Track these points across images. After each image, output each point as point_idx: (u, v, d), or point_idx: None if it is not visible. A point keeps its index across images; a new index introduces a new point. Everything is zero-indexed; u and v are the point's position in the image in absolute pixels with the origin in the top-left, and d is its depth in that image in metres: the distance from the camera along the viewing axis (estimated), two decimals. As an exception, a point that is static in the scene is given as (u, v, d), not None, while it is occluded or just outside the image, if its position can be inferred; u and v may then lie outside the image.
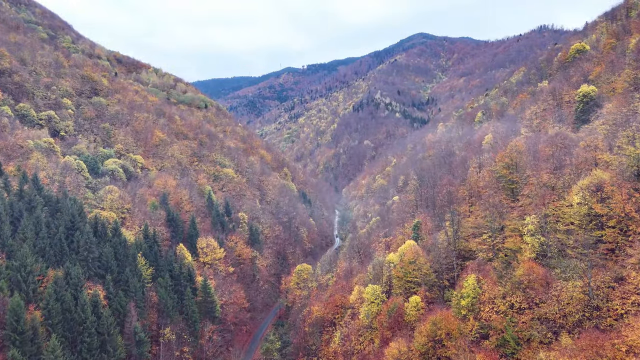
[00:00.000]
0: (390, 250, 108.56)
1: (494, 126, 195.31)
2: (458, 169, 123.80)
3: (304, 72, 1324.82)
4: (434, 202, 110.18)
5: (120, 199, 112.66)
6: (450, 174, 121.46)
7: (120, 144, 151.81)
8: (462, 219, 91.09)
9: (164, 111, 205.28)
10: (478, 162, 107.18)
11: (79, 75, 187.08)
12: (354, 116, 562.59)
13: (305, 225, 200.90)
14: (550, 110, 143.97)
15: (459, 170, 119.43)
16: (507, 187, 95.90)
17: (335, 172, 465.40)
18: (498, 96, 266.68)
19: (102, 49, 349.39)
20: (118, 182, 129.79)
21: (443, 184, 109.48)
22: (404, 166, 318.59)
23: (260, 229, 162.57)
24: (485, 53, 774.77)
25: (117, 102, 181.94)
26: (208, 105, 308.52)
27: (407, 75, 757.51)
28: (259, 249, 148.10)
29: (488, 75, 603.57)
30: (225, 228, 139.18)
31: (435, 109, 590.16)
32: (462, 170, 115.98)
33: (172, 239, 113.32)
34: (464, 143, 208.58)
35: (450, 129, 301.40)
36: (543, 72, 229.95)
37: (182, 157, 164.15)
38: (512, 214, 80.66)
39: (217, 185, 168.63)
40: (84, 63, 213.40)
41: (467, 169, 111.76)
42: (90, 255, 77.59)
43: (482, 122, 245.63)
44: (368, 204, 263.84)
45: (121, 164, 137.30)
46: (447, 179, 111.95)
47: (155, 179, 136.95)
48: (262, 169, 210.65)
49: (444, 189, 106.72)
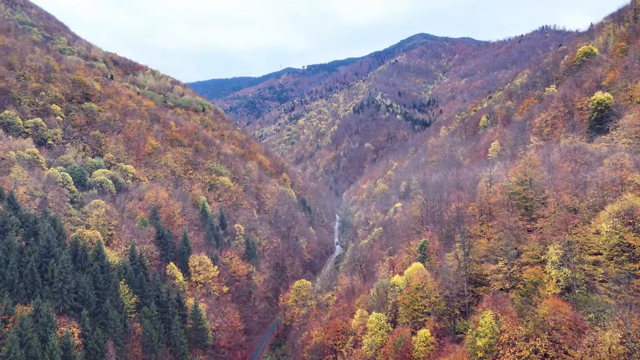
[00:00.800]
0: (394, 271, 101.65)
1: (500, 132, 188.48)
2: (466, 182, 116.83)
3: (304, 73, 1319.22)
4: (442, 218, 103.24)
5: (106, 215, 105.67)
6: (458, 187, 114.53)
7: (110, 152, 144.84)
8: (473, 241, 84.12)
9: (158, 116, 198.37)
10: (489, 176, 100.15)
11: (70, 80, 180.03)
12: (354, 118, 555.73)
13: (304, 234, 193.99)
14: (561, 118, 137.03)
15: (467, 183, 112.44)
16: (521, 205, 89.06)
17: (335, 175, 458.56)
18: (502, 100, 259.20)
19: (98, 51, 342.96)
20: (107, 195, 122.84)
21: (451, 199, 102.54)
22: (405, 171, 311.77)
23: (258, 240, 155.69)
24: (486, 54, 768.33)
25: (109, 108, 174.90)
26: (206, 108, 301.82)
27: (407, 76, 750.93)
28: (256, 263, 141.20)
29: (490, 76, 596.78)
30: (220, 242, 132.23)
31: (437, 111, 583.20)
32: (471, 182, 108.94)
33: (162, 257, 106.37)
34: (468, 149, 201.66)
35: (453, 133, 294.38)
36: (549, 75, 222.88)
37: (176, 166, 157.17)
38: (530, 238, 73.65)
39: (212, 194, 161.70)
40: (77, 66, 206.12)
41: (476, 183, 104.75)
42: (65, 287, 70.39)
43: (486, 126, 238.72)
44: (369, 211, 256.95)
45: (110, 175, 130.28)
46: (456, 194, 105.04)
47: (146, 191, 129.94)
48: (260, 175, 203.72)
49: (452, 205, 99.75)
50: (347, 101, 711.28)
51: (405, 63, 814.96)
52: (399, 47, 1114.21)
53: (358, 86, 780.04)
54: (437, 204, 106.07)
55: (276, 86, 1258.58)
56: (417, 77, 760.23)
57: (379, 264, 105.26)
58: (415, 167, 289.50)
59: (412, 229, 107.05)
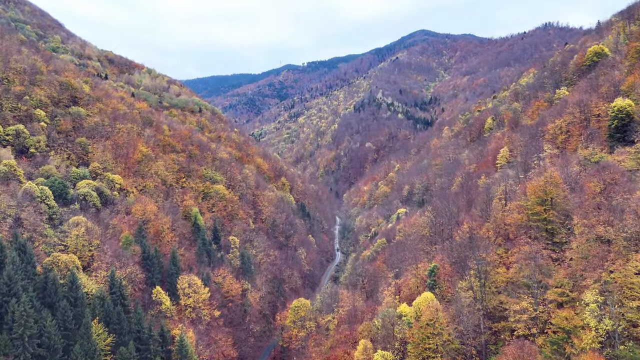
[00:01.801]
0: (401, 295, 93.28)
1: (508, 137, 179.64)
2: (476, 194, 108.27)
3: (304, 70, 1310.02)
4: (452, 238, 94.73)
5: (87, 234, 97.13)
6: (469, 202, 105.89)
7: (97, 161, 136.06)
8: (490, 269, 75.56)
9: (151, 120, 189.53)
10: (503, 191, 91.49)
11: (57, 82, 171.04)
12: (355, 117, 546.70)
13: (303, 244, 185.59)
14: (577, 125, 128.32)
15: (479, 198, 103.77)
16: (542, 227, 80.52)
17: (335, 176, 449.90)
18: (509, 101, 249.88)
19: (93, 49, 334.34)
20: (90, 209, 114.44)
21: (462, 218, 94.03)
22: (408, 173, 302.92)
23: (254, 253, 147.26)
24: (488, 51, 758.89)
25: (98, 112, 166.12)
26: (202, 108, 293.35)
27: (409, 74, 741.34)
28: (251, 279, 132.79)
29: (492, 74, 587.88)
30: (213, 258, 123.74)
31: (439, 109, 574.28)
32: (483, 199, 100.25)
33: (148, 280, 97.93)
34: (475, 154, 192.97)
35: (457, 134, 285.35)
36: (558, 76, 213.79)
37: (168, 175, 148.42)
38: (558, 271, 65.07)
39: (206, 204, 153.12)
40: (66, 67, 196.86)
41: (489, 200, 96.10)
42: (27, 332, 61.82)
43: (492, 129, 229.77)
44: (371, 216, 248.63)
45: (95, 187, 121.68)
46: (468, 213, 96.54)
47: (133, 204, 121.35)
48: (257, 181, 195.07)
49: (464, 224, 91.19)
50: (347, 99, 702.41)
51: (407, 60, 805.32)
52: (399, 43, 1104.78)
53: (359, 84, 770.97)
54: (446, 221, 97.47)
55: (276, 83, 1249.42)
56: (418, 74, 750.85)
57: (383, 287, 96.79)
58: (418, 170, 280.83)
59: (419, 249, 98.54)
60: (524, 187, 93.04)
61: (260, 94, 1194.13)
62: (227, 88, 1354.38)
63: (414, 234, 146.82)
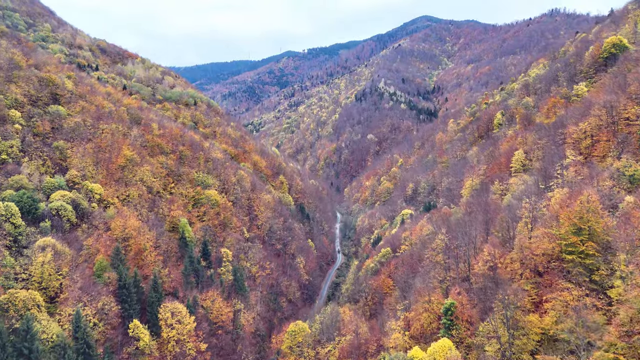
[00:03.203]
0: (411, 333, 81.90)
1: (522, 137, 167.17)
2: (497, 213, 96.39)
3: (305, 57, 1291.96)
4: (469, 264, 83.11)
5: (56, 259, 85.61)
6: (487, 221, 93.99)
7: (75, 168, 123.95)
8: (520, 316, 64.03)
9: (140, 117, 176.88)
10: (530, 215, 79.55)
11: (37, 78, 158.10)
12: (356, 106, 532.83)
13: (302, 251, 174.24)
14: (604, 130, 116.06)
15: (499, 217, 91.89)
16: (579, 262, 68.91)
17: (336, 169, 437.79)
18: (518, 94, 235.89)
19: (84, 38, 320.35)
20: (65, 225, 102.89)
21: (481, 244, 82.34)
22: (412, 169, 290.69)
23: (248, 266, 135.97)
24: (493, 38, 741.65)
25: (80, 111, 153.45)
26: (198, 101, 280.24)
27: (411, 62, 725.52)
28: (244, 296, 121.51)
29: (497, 62, 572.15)
30: (201, 277, 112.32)
31: (442, 99, 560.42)
32: (505, 217, 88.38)
33: (125, 312, 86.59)
34: (485, 155, 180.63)
35: (463, 129, 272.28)
36: (572, 68, 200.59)
37: (154, 181, 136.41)
38: (609, 330, 53.48)
39: (196, 212, 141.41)
40: (48, 61, 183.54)
41: (512, 221, 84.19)
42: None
43: (502, 125, 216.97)
44: (374, 216, 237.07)
45: (71, 199, 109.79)
46: (485, 233, 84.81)
47: (113, 218, 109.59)
48: (253, 183, 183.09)
49: (484, 251, 79.47)
50: (348, 88, 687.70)
51: (409, 47, 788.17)
52: (402, 30, 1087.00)
53: (360, 72, 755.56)
54: (463, 244, 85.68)
55: (276, 70, 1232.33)
56: (421, 62, 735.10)
57: (391, 319, 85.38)
58: (423, 167, 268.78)
59: (432, 277, 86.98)
60: (554, 210, 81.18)
61: (260, 81, 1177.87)
62: (226, 75, 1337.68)
63: (420, 244, 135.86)
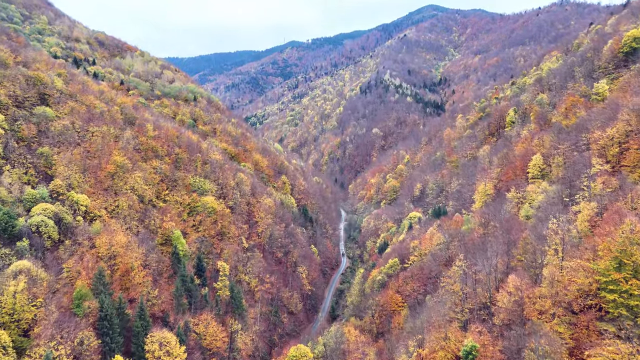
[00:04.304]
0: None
1: (539, 138, 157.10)
2: (520, 233, 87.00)
3: (309, 47, 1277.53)
4: (491, 298, 74.01)
5: (31, 286, 77.23)
6: (509, 243, 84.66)
7: (60, 177, 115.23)
8: None
9: (134, 117, 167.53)
10: (560, 242, 70.20)
11: (24, 77, 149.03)
12: (361, 99, 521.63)
13: (305, 258, 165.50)
14: (635, 137, 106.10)
15: (523, 238, 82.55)
16: (620, 302, 59.82)
17: (341, 164, 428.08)
18: (532, 90, 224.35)
19: (82, 31, 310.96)
20: (45, 242, 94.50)
21: (505, 277, 73.09)
22: (419, 167, 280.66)
23: (247, 280, 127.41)
24: (501, 28, 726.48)
25: (69, 112, 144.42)
26: (197, 97, 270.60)
27: (417, 52, 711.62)
28: (242, 315, 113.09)
29: (506, 53, 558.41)
30: (195, 298, 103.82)
31: (449, 91, 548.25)
32: (530, 240, 79.09)
33: (106, 346, 78.17)
34: (498, 157, 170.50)
35: (472, 125, 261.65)
36: (589, 64, 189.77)
37: (146, 189, 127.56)
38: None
39: (191, 220, 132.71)
40: (38, 58, 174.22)
41: (537, 244, 74.86)
42: None
43: (514, 122, 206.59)
44: (379, 217, 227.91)
45: (54, 212, 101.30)
46: (511, 263, 75.61)
47: (99, 234, 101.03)
48: (253, 186, 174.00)
49: (509, 284, 70.30)
50: (353, 79, 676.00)
51: (415, 38, 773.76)
52: (407, 19, 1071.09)
53: (365, 62, 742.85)
54: (485, 274, 76.50)
55: (280, 61, 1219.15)
56: (427, 52, 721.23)
57: (402, 357, 76.59)
58: (431, 165, 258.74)
59: (449, 308, 77.96)
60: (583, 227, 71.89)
61: (264, 72, 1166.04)
62: (230, 66, 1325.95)
63: (431, 258, 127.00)
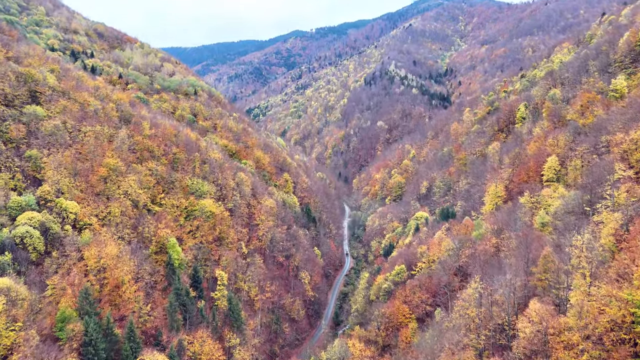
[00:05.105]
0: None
1: (553, 138, 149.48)
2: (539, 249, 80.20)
3: (313, 36, 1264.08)
4: (509, 325, 67.49)
5: (10, 307, 71.34)
6: (526, 261, 77.92)
7: (49, 182, 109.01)
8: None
9: (131, 115, 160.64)
10: (588, 264, 63.44)
11: (14, 74, 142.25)
12: (365, 91, 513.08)
13: (307, 262, 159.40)
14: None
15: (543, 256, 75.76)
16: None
17: (344, 158, 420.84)
18: (543, 83, 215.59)
19: (80, 22, 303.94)
20: (31, 254, 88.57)
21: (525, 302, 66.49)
22: (425, 163, 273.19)
23: (246, 289, 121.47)
24: (508, 17, 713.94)
25: (61, 111, 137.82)
26: (198, 90, 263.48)
27: (423, 42, 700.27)
28: (241, 329, 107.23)
29: (513, 43, 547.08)
30: (190, 313, 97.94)
31: (455, 82, 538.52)
32: (552, 258, 72.31)
33: (91, 373, 72.77)
34: (510, 157, 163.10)
35: (480, 120, 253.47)
36: (604, 57, 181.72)
37: (141, 193, 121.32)
38: None
39: (188, 226, 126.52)
40: (31, 52, 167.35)
41: (560, 263, 68.14)
42: None
43: (526, 120, 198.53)
44: (385, 216, 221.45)
45: (40, 222, 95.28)
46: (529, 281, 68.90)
47: (88, 245, 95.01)
48: (254, 186, 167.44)
49: (531, 311, 63.78)
50: (357, 70, 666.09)
51: (420, 27, 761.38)
52: (413, 8, 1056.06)
53: (370, 53, 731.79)
54: (505, 295, 69.85)
55: (283, 51, 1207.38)
56: (433, 42, 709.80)
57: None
58: (437, 161, 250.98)
59: (464, 334, 71.62)
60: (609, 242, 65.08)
61: (267, 62, 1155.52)
62: (233, 56, 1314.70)
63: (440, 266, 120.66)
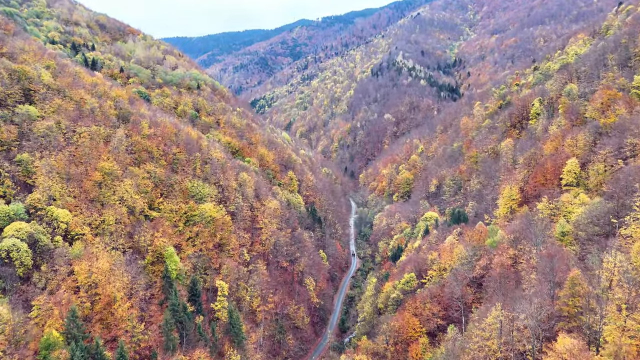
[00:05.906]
0: None
1: (572, 137, 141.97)
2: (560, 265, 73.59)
3: (319, 25, 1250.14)
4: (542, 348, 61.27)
5: (-10, 334, 66.27)
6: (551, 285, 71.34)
7: (39, 189, 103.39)
8: None
9: (129, 113, 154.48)
10: (625, 298, 56.87)
11: (6, 72, 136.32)
12: (372, 82, 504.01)
13: (312, 266, 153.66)
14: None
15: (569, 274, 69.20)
16: None
17: (351, 151, 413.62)
18: (558, 77, 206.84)
19: (82, 13, 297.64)
20: (18, 269, 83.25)
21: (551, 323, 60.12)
22: (434, 159, 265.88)
23: (248, 299, 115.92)
24: (519, 6, 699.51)
25: (54, 111, 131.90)
26: (201, 84, 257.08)
27: (431, 32, 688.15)
28: (242, 344, 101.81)
29: (524, 33, 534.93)
30: (187, 330, 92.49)
31: (464, 73, 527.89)
32: (580, 280, 65.79)
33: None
34: (525, 157, 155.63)
35: (492, 115, 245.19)
36: (623, 50, 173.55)
37: (137, 199, 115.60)
38: None
39: (188, 232, 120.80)
40: (27, 47, 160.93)
41: (592, 288, 61.64)
42: None
43: (540, 116, 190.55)
44: (392, 216, 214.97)
45: (29, 233, 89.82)
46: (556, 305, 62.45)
47: (79, 257, 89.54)
48: (257, 186, 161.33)
49: (558, 343, 57.49)
50: (364, 60, 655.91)
51: (429, 16, 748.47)
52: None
53: (377, 43, 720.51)
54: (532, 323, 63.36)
55: (289, 40, 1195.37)
56: (441, 32, 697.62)
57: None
58: (447, 158, 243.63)
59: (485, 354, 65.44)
60: None
61: (273, 52, 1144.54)
62: (238, 46, 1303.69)
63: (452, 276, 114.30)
